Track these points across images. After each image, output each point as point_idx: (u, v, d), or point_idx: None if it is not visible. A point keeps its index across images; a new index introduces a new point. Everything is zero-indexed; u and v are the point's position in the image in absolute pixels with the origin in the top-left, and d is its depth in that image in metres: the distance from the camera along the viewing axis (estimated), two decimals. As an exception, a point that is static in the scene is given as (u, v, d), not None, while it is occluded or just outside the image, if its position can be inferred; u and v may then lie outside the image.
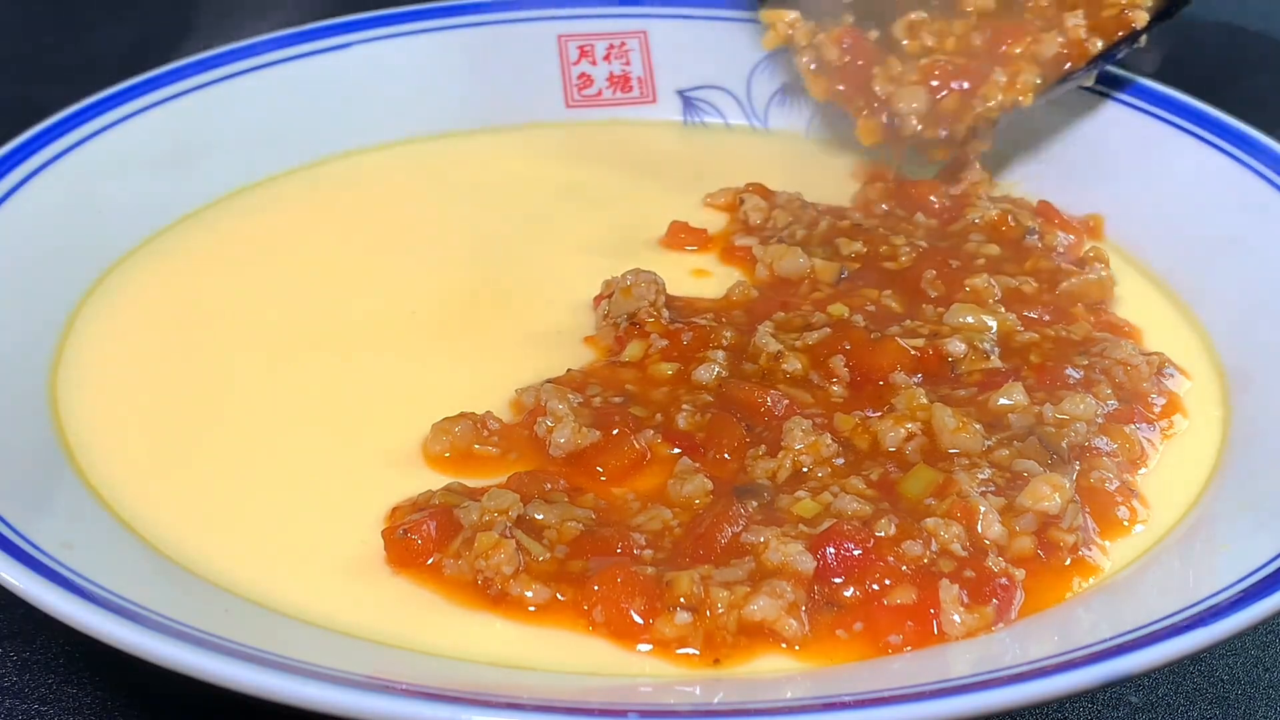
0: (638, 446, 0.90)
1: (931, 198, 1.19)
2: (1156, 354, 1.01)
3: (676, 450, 0.91)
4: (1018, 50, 1.19)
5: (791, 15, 1.26)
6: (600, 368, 1.00)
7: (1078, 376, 0.97)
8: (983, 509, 0.84)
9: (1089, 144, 1.24)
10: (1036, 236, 1.14)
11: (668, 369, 0.98)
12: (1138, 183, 1.20)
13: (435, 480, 0.89)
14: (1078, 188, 1.22)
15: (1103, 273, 1.10)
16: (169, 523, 0.87)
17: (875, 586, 0.80)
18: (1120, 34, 1.18)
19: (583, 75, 1.37)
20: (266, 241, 1.17)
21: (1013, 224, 1.14)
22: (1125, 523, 0.87)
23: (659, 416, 0.94)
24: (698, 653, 0.78)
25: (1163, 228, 1.16)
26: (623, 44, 1.37)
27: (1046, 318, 1.05)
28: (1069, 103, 1.25)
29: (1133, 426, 0.94)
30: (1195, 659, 0.88)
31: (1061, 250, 1.13)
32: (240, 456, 0.93)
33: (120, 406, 0.96)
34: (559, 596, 0.80)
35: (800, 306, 1.05)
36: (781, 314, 1.04)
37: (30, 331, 1.01)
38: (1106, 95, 1.25)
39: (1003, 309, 1.04)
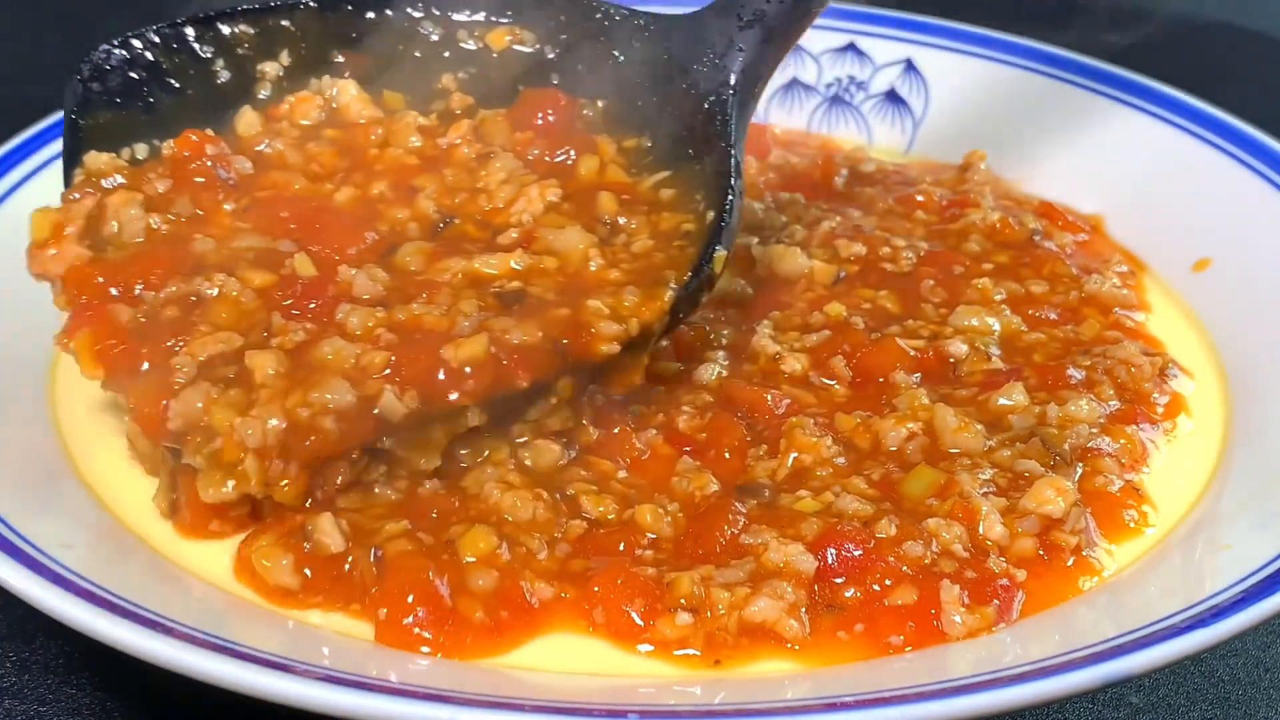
0: (638, 445, 0.90)
1: (919, 197, 1.18)
2: (1160, 354, 1.01)
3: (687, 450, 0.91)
4: None
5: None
6: None
7: (1080, 377, 0.97)
8: (984, 510, 0.84)
9: (1089, 144, 1.24)
10: (1040, 237, 1.13)
11: (672, 368, 0.97)
12: (1138, 183, 1.20)
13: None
14: (1078, 188, 1.22)
15: (1118, 286, 1.09)
16: (168, 523, 0.86)
17: (876, 587, 0.80)
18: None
19: (583, 75, 1.36)
20: (266, 241, 1.16)
21: (1016, 227, 1.13)
22: (1129, 524, 0.87)
23: (661, 416, 0.93)
24: (698, 653, 0.78)
25: (1163, 228, 1.16)
26: (623, 43, 1.36)
27: (1053, 316, 1.04)
28: (1069, 103, 1.25)
29: (1135, 427, 0.94)
30: (1196, 659, 0.87)
31: (1070, 251, 1.13)
32: (240, 456, 0.93)
33: (120, 406, 0.96)
34: (563, 595, 0.80)
35: (795, 305, 1.04)
36: (777, 313, 1.03)
37: (30, 332, 1.01)
38: (1107, 96, 1.25)
39: (1007, 310, 1.03)
